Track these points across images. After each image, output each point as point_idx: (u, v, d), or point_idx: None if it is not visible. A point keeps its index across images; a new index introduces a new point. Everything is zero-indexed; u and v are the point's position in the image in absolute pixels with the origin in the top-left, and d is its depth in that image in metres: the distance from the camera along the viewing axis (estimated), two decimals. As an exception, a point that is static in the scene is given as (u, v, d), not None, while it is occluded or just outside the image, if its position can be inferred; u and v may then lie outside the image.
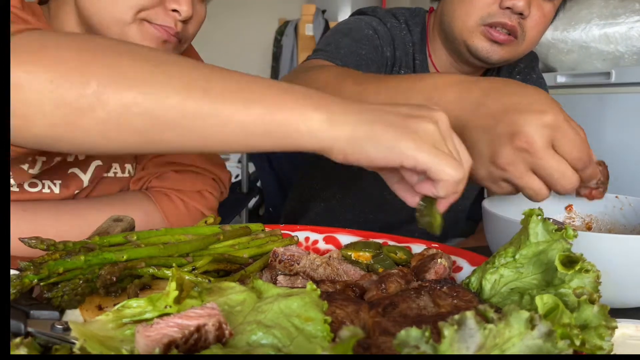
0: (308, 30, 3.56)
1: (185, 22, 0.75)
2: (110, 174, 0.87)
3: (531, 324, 0.33)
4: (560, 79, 1.79)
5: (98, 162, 0.84)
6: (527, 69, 1.17)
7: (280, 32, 3.75)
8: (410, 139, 0.47)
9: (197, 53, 0.97)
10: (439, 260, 0.56)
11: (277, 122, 0.49)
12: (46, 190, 0.79)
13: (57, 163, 0.79)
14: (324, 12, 3.60)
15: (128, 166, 0.89)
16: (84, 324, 0.36)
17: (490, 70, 1.14)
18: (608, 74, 1.61)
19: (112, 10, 0.71)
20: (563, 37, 1.79)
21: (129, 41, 0.68)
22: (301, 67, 0.92)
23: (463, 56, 1.03)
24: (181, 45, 0.80)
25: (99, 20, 0.73)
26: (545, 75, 1.87)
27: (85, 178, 0.83)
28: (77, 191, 0.82)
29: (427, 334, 0.30)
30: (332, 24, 3.30)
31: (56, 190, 0.80)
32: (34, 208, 0.76)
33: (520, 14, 0.93)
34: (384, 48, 1.06)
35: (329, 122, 0.48)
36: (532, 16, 0.94)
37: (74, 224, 0.78)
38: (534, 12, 0.94)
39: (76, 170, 0.82)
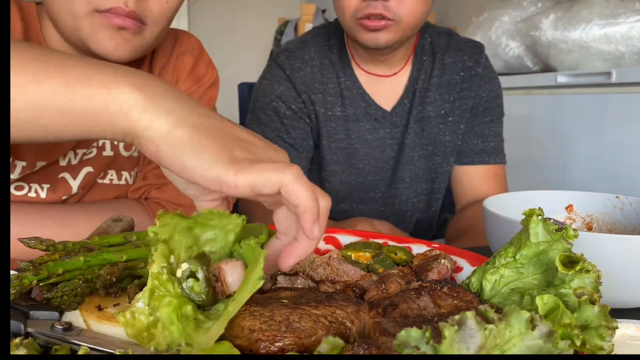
0: (308, 30, 3.56)
1: None
2: (106, 181, 0.85)
3: (532, 324, 0.33)
4: (561, 79, 1.79)
5: (89, 169, 0.82)
6: (471, 62, 1.18)
7: (280, 32, 3.74)
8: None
9: (195, 42, 0.94)
10: (442, 260, 0.56)
11: (78, 97, 0.41)
12: (32, 194, 0.77)
13: (48, 166, 0.77)
14: (324, 11, 3.60)
15: (125, 174, 0.87)
16: None
17: (433, 58, 1.16)
18: (609, 74, 1.61)
19: (67, 1, 0.68)
20: (563, 37, 1.79)
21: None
22: None
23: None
24: (149, 29, 0.73)
25: (56, 12, 0.71)
26: (546, 75, 1.88)
27: (75, 184, 0.81)
28: (65, 197, 0.80)
29: (427, 334, 0.30)
30: (332, 24, 3.30)
31: (43, 194, 0.78)
32: (18, 211, 0.73)
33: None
34: (304, 120, 1.14)
35: (145, 103, 0.40)
36: None
37: (60, 231, 0.73)
38: None
39: (66, 175, 0.80)
